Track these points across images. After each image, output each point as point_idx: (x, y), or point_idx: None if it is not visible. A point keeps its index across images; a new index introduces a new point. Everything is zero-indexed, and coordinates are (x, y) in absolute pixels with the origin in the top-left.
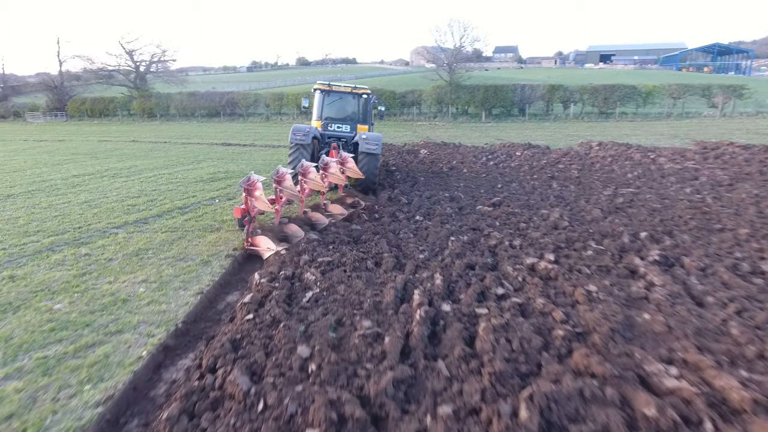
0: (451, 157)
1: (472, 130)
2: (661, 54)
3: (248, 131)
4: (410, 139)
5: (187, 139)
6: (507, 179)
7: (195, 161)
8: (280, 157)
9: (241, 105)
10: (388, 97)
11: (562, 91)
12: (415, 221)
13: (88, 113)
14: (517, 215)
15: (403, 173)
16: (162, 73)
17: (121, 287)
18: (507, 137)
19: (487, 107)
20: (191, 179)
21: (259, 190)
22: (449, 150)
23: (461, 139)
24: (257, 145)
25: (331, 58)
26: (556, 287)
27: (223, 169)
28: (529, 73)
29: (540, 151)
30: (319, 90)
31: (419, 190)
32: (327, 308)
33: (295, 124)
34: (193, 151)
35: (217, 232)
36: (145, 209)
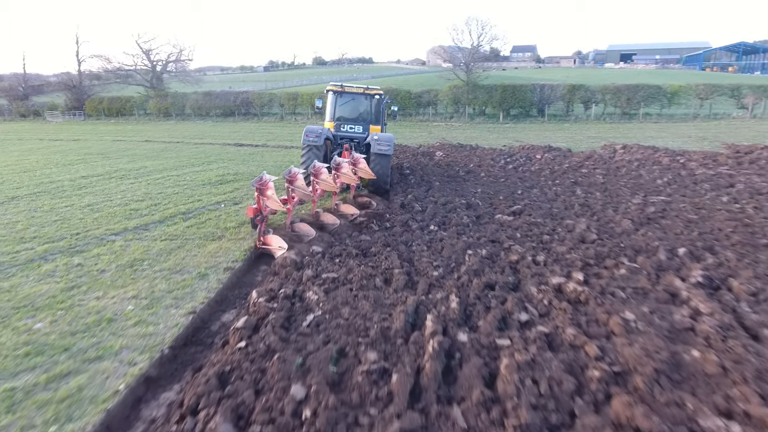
0: (468, 159)
1: (490, 131)
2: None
3: (262, 131)
4: (425, 140)
5: (200, 139)
6: (527, 185)
7: (205, 162)
8: (292, 158)
9: (255, 105)
10: (404, 97)
11: (583, 91)
12: (429, 231)
13: (105, 112)
14: (540, 226)
15: (417, 177)
16: (178, 72)
17: (108, 304)
18: (526, 139)
19: (505, 108)
20: (199, 182)
21: (271, 189)
22: (466, 152)
23: (478, 140)
24: (269, 146)
25: (347, 58)
26: (587, 313)
27: (232, 171)
28: (547, 73)
29: (561, 154)
30: (331, 91)
31: (434, 196)
32: (329, 335)
33: (308, 126)
34: (205, 151)
35: (218, 241)
36: (148, 214)
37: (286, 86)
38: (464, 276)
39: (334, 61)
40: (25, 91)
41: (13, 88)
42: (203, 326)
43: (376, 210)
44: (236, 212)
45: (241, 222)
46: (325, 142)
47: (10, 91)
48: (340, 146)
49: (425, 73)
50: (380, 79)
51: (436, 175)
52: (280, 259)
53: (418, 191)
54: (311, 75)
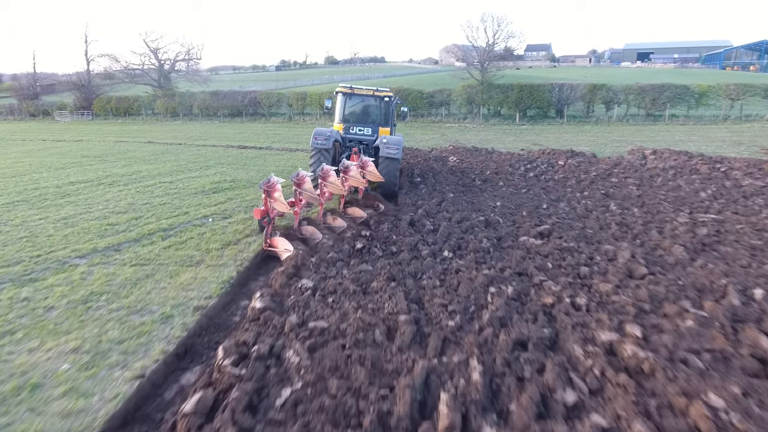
0: (484, 165)
1: (506, 133)
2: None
3: (268, 132)
4: (438, 142)
5: (204, 140)
6: (553, 197)
7: (204, 167)
8: (295, 162)
9: (263, 105)
10: (415, 97)
11: (604, 91)
12: (443, 259)
13: (113, 112)
14: (574, 252)
15: (429, 185)
16: (185, 72)
17: (41, 360)
18: (545, 142)
19: (521, 108)
20: (191, 189)
21: (278, 191)
22: (481, 157)
23: (494, 143)
24: (273, 149)
25: (359, 57)
26: (655, 393)
27: (229, 178)
28: (562, 72)
29: (586, 159)
30: (341, 93)
31: (448, 211)
32: (308, 424)
33: (317, 128)
34: (206, 154)
35: (195, 267)
36: (125, 230)
37: (296, 86)
38: (487, 327)
39: (346, 61)
40: (35, 91)
41: (24, 87)
42: (154, 394)
43: (379, 230)
44: (223, 229)
45: (226, 242)
46: (333, 144)
47: (21, 91)
48: (349, 149)
49: (438, 72)
50: (392, 78)
51: (450, 183)
52: (253, 312)
53: (430, 204)
54: (322, 74)
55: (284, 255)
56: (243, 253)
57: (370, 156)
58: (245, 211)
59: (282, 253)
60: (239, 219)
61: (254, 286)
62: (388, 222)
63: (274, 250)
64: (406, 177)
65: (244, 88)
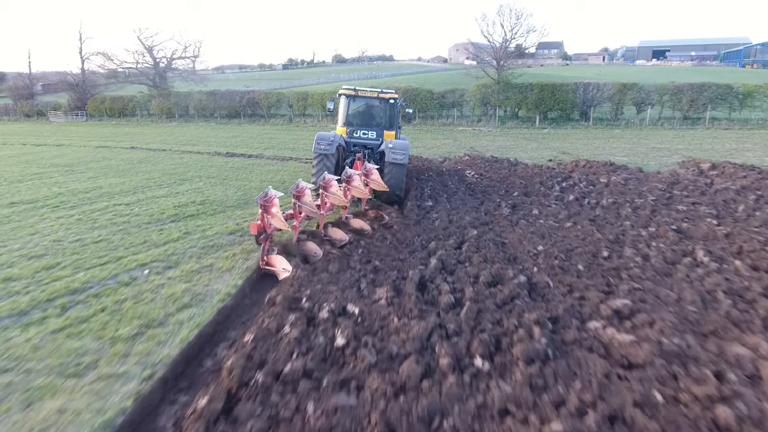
0: (510, 183)
1: (526, 138)
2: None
3: (265, 136)
4: (450, 149)
5: (192, 145)
6: (609, 235)
7: (178, 181)
8: (285, 176)
9: (262, 105)
10: (425, 98)
11: (635, 91)
12: (474, 376)
13: (107, 113)
14: (684, 359)
15: (443, 213)
16: (181, 70)
17: None
18: (572, 149)
19: (542, 110)
20: (146, 217)
21: (276, 206)
22: (504, 170)
23: (514, 150)
24: (264, 157)
25: (367, 55)
26: None
27: (200, 198)
28: (575, 71)
29: (632, 175)
30: (344, 95)
31: (471, 262)
32: None
33: (319, 132)
34: (187, 164)
35: (76, 382)
36: (20, 291)
37: (302, 84)
38: None
39: (354, 59)
40: (31, 91)
41: (19, 87)
42: None
43: (375, 305)
44: (155, 292)
45: (147, 322)
46: (337, 149)
47: (16, 91)
48: (353, 154)
49: (447, 70)
50: (400, 77)
51: (470, 209)
52: None
53: (446, 247)
54: (329, 73)
55: (282, 275)
56: (164, 347)
57: (375, 161)
58: (199, 258)
59: (280, 272)
60: (185, 271)
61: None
62: (388, 279)
63: (272, 269)
64: (415, 198)
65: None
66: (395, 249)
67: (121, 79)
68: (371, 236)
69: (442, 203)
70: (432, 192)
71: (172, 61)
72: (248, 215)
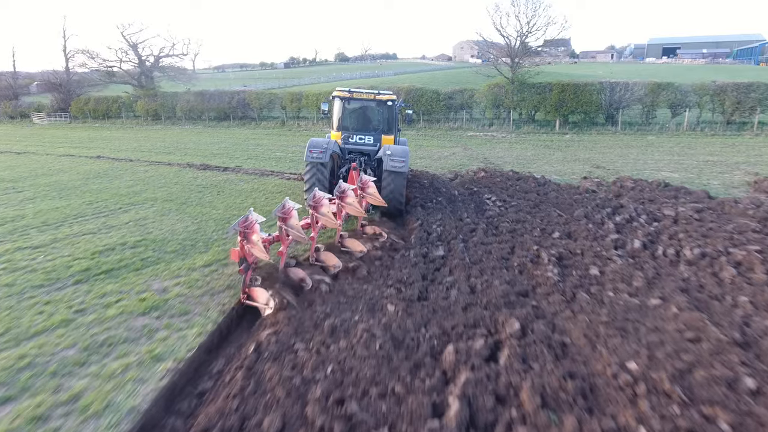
0: (544, 215)
1: (547, 145)
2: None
3: (252, 141)
4: (460, 160)
5: (166, 154)
6: (737, 334)
7: (123, 207)
8: (258, 198)
9: (253, 106)
10: (430, 99)
11: (671, 92)
12: None
13: (90, 114)
14: None
15: (460, 278)
16: (167, 69)
17: None
18: (605, 161)
19: (563, 113)
20: (43, 274)
21: (256, 233)
22: (531, 193)
23: (537, 162)
24: (242, 171)
25: (370, 54)
26: None
27: (138, 236)
28: (585, 68)
29: (702, 203)
30: (338, 97)
31: (520, 402)
32: None
33: (312, 138)
34: (148, 180)
35: None
36: None
37: (303, 84)
38: None
39: (356, 57)
40: (15, 91)
41: (2, 88)
42: None
43: None
44: None
45: None
46: (331, 157)
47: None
48: (349, 161)
49: (452, 69)
50: (403, 75)
51: (499, 267)
52: None
53: (473, 359)
54: (330, 72)
55: (266, 311)
56: None
57: (373, 169)
58: (65, 377)
59: (263, 308)
60: (25, 414)
61: None
62: None
63: (254, 304)
64: (420, 241)
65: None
66: (386, 361)
67: (104, 78)
68: None
69: (457, 252)
70: (443, 230)
71: (159, 59)
72: (188, 269)
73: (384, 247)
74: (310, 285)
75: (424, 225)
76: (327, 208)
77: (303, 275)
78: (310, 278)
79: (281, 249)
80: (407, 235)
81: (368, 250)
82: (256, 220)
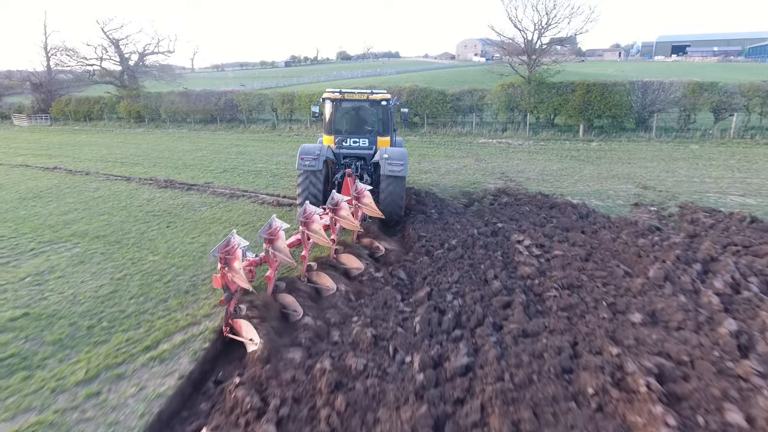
0: (605, 274)
1: (573, 156)
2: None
3: (234, 149)
4: (472, 174)
5: (131, 165)
6: None
7: (39, 246)
8: (216, 234)
9: (241, 108)
10: (436, 100)
11: (716, 94)
12: None
13: (71, 116)
14: None
15: (504, 429)
16: (151, 67)
17: None
18: (648, 176)
19: (588, 116)
20: None
21: (238, 260)
22: (575, 232)
23: (566, 179)
24: (210, 189)
25: (372, 52)
26: None
27: (26, 304)
28: (595, 67)
29: None
30: (329, 99)
31: None
32: None
33: (303, 145)
34: (93, 203)
35: None
36: None
37: (302, 82)
38: None
39: (358, 56)
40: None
41: None
42: None
43: None
44: None
45: None
46: (325, 163)
47: None
48: (344, 167)
49: (456, 67)
50: (406, 74)
51: (561, 399)
52: None
53: None
54: (331, 70)
55: (250, 347)
56: None
57: (369, 174)
58: None
59: (248, 344)
60: None
61: None
62: None
63: (237, 338)
64: (429, 334)
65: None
66: None
67: (84, 77)
68: None
69: (490, 359)
70: (462, 306)
71: (143, 56)
72: (51, 391)
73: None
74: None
75: (433, 295)
76: (318, 225)
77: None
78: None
79: (269, 273)
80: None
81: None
82: (238, 245)
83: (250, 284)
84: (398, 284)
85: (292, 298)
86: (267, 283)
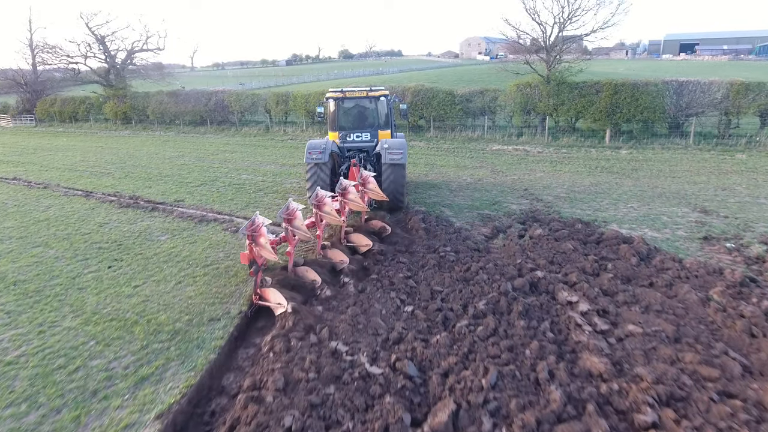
0: (712, 369)
1: (603, 167)
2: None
3: (220, 156)
4: (490, 191)
5: (100, 175)
6: None
7: None
8: (167, 280)
9: (232, 109)
10: (443, 101)
11: (763, 95)
12: None
13: (57, 117)
14: None
15: None
16: (139, 65)
17: None
18: (702, 195)
19: (616, 120)
20: None
21: (264, 236)
22: (645, 288)
23: (600, 196)
24: (178, 210)
25: (375, 51)
26: None
27: None
28: (605, 66)
29: None
30: (331, 98)
31: None
32: None
33: (311, 140)
34: (33, 228)
35: None
36: None
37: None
38: None
39: (361, 54)
40: None
41: None
42: None
43: None
44: None
45: None
46: (330, 156)
47: None
48: (348, 159)
49: (460, 66)
50: (409, 73)
51: None
52: None
53: None
54: (333, 69)
55: (278, 310)
56: None
57: (372, 164)
58: None
59: (275, 307)
60: None
61: None
62: None
63: (266, 304)
64: None
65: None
66: None
67: (68, 76)
68: None
69: None
70: None
71: (131, 54)
72: None
73: None
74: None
75: (461, 418)
76: (330, 207)
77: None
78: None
79: (289, 249)
80: None
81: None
82: (262, 223)
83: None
84: (404, 387)
85: (312, 271)
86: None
